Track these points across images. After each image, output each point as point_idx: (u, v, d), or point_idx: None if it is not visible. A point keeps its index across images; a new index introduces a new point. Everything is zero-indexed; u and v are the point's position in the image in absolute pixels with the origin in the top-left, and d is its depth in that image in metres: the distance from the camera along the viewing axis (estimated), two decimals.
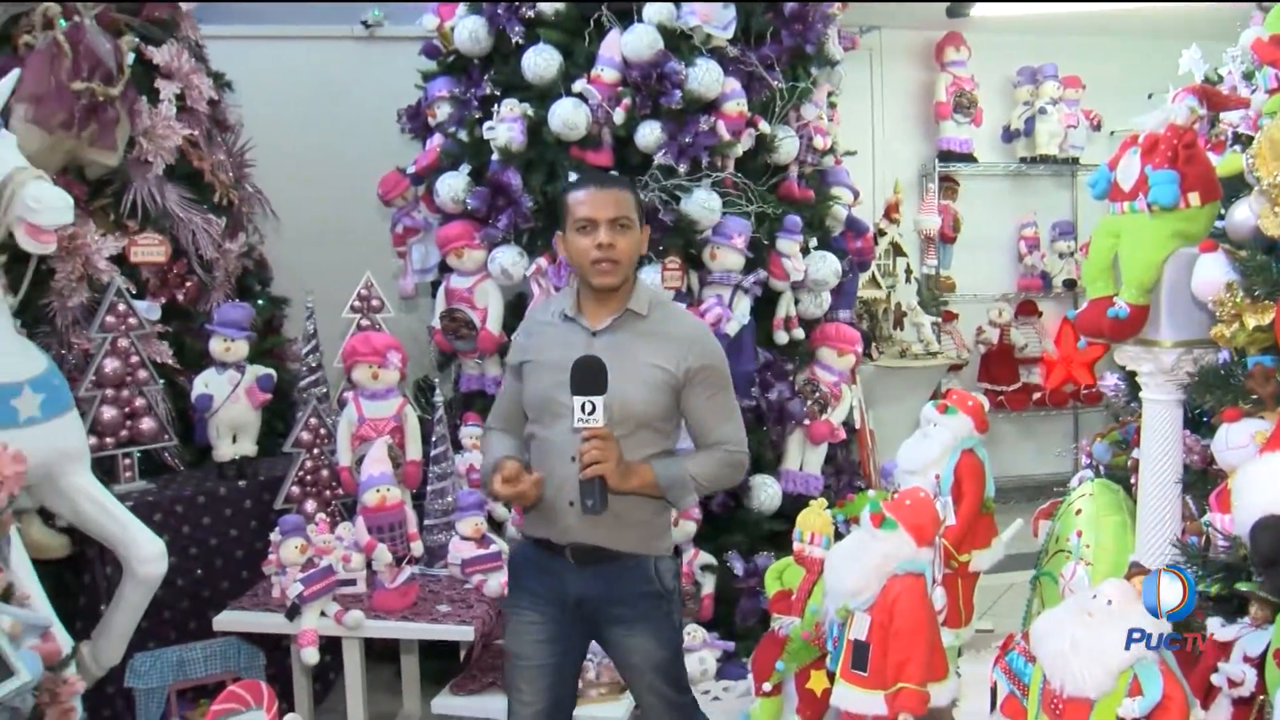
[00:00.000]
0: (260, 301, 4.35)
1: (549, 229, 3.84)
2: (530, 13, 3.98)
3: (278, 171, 4.69)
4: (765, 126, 4.08)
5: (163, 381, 3.80)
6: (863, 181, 5.28)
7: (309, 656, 3.20)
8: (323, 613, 3.24)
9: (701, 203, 3.85)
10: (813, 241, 4.26)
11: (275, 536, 3.38)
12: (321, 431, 3.82)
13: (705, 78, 3.84)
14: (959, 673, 2.85)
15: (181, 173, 4.02)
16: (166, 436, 3.77)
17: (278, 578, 3.35)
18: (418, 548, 3.54)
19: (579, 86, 3.85)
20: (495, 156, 3.94)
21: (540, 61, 3.88)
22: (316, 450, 3.81)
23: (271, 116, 4.83)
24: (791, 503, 3.99)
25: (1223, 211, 2.54)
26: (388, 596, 3.33)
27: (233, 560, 3.73)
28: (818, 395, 4.26)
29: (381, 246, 4.62)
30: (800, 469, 4.25)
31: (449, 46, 4.24)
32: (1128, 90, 5.37)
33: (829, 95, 4.66)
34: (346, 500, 3.81)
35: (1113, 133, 6.44)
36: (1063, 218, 6.71)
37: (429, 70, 4.38)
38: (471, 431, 3.99)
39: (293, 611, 3.21)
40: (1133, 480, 2.88)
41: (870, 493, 3.04)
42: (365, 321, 4.06)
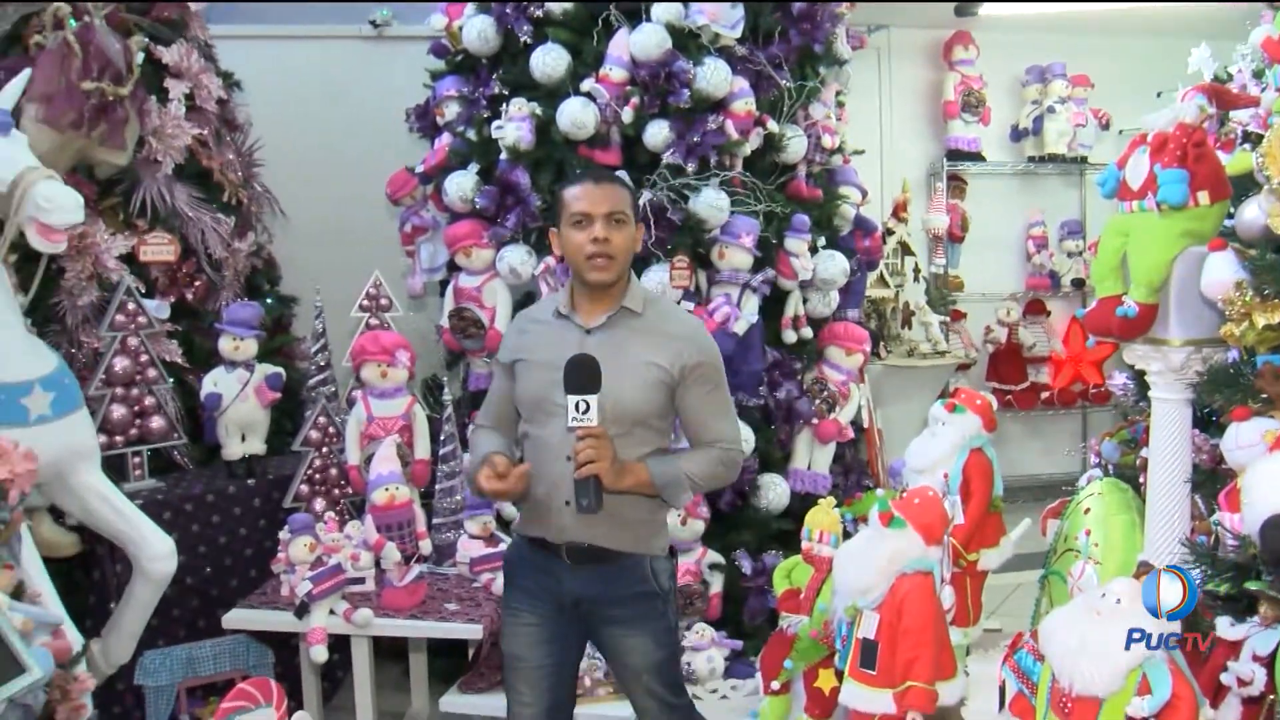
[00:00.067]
0: (269, 300, 4.36)
1: None
2: (538, 12, 3.98)
3: (286, 171, 4.70)
4: (773, 125, 4.08)
5: (172, 380, 3.81)
6: (871, 180, 5.27)
7: (318, 654, 3.21)
8: (331, 611, 3.25)
9: (710, 202, 3.84)
10: (821, 240, 4.25)
11: (284, 535, 3.39)
12: (330, 430, 3.82)
13: (713, 77, 3.84)
14: (967, 671, 2.86)
15: (190, 172, 4.03)
16: (176, 435, 3.78)
17: (287, 576, 3.36)
18: (426, 546, 3.54)
19: (587, 86, 3.84)
20: (504, 156, 3.93)
21: (548, 61, 3.88)
22: (325, 449, 3.82)
23: (280, 116, 4.83)
24: (800, 501, 3.99)
25: (1232, 210, 2.54)
26: (396, 595, 3.33)
27: (242, 558, 3.74)
28: (826, 394, 4.25)
29: (390, 245, 4.62)
30: (808, 468, 4.24)
31: (457, 46, 4.24)
32: (1137, 89, 5.38)
33: (837, 94, 4.65)
34: (355, 499, 3.81)
35: (1121, 131, 6.43)
36: (1071, 217, 6.70)
37: (437, 70, 4.39)
38: None
39: (302, 610, 3.22)
40: (1141, 479, 2.88)
41: (878, 491, 3.02)
42: (374, 320, 4.07)
